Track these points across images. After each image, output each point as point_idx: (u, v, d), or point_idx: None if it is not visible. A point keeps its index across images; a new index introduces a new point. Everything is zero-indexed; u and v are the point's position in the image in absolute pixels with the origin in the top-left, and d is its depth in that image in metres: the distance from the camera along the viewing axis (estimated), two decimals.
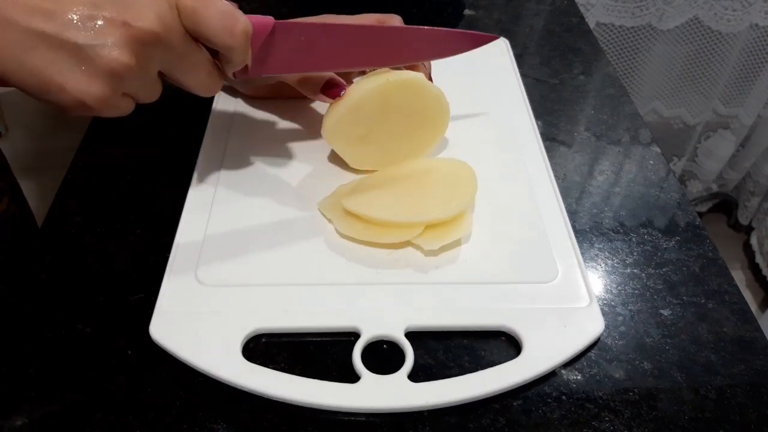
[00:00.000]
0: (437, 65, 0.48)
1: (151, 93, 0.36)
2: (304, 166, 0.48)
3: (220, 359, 0.36)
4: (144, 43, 0.32)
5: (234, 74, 0.39)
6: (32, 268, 0.41)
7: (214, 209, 0.44)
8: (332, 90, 0.44)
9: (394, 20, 0.47)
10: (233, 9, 0.35)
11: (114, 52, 0.31)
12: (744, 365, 0.38)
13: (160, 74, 0.36)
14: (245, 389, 0.35)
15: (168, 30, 0.33)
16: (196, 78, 0.37)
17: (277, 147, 0.50)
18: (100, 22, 0.31)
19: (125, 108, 0.34)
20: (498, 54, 0.62)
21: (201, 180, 0.47)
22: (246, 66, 0.38)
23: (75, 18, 0.30)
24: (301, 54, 0.40)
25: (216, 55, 0.37)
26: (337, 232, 0.43)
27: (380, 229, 0.42)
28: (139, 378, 0.36)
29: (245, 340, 0.37)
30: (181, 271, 0.40)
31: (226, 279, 0.40)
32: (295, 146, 0.50)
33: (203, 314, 0.38)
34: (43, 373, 0.36)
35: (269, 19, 0.38)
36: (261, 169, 0.48)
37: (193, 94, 0.38)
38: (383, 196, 0.44)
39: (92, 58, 0.31)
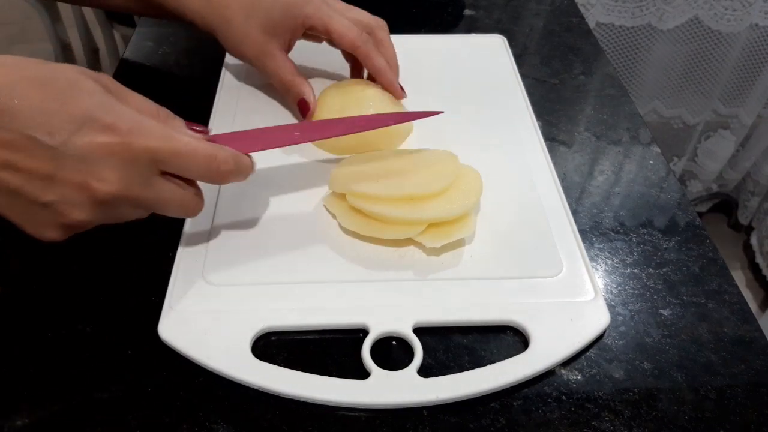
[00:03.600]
0: (436, 66, 0.48)
1: (136, 215, 0.35)
2: (310, 163, 0.49)
3: (231, 358, 0.36)
4: (104, 203, 0.32)
5: None
6: (32, 267, 0.41)
7: (219, 207, 0.44)
8: (302, 111, 0.50)
9: (380, 26, 0.49)
10: (213, 150, 0.35)
11: (72, 211, 0.31)
12: (744, 365, 0.38)
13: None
14: (257, 388, 0.35)
15: (131, 187, 0.32)
16: (173, 209, 0.36)
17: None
18: (59, 181, 0.30)
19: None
20: (497, 53, 0.62)
21: None
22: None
23: (35, 173, 0.30)
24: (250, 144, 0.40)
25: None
26: (341, 227, 0.43)
27: (382, 225, 0.42)
28: (138, 378, 0.36)
29: (254, 339, 0.37)
30: (188, 271, 0.40)
31: (234, 278, 0.40)
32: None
33: (212, 314, 0.38)
34: (43, 373, 0.36)
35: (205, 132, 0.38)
36: (266, 165, 0.48)
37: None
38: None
39: (50, 213, 0.31)
